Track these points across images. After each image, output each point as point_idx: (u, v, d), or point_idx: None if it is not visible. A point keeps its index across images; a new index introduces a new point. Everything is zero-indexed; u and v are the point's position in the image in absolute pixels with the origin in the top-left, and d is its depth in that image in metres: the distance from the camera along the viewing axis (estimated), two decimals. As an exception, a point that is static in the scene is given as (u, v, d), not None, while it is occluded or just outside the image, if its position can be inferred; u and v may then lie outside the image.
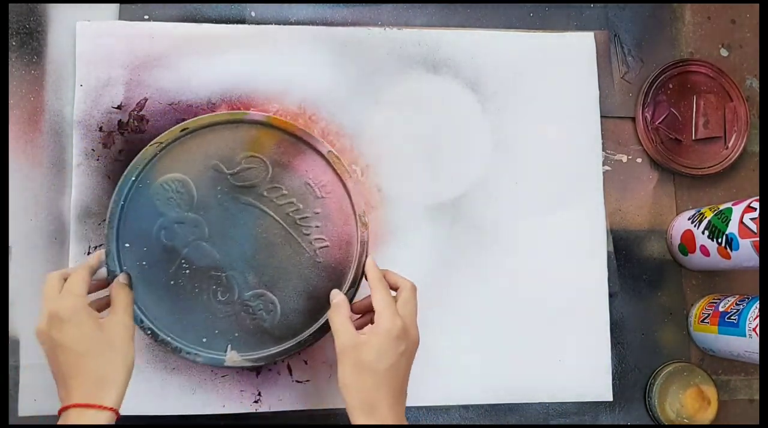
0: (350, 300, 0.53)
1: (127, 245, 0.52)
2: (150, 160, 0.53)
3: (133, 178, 0.53)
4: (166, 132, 0.54)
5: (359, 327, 0.50)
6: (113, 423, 0.44)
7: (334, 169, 0.55)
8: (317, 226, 0.55)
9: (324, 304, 0.54)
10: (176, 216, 0.53)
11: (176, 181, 0.53)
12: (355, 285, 0.54)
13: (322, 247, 0.55)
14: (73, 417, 0.43)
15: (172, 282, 0.53)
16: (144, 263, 0.53)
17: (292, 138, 0.55)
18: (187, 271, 0.53)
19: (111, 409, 0.44)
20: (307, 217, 0.55)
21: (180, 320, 0.53)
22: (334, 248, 0.55)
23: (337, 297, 0.51)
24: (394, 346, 0.46)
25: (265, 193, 0.55)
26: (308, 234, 0.55)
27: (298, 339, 0.54)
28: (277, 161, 0.55)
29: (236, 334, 0.54)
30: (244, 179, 0.55)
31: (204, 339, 0.53)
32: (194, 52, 0.60)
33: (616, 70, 0.65)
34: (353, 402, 0.46)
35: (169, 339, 0.53)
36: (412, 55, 0.62)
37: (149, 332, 0.52)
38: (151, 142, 0.53)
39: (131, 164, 0.53)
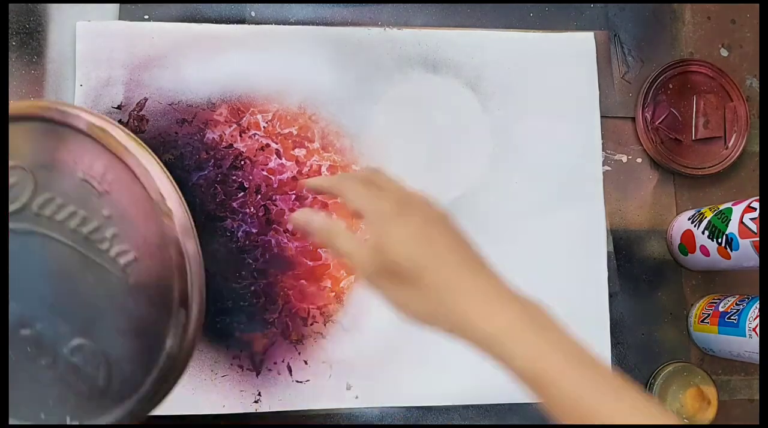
0: (185, 325, 0.40)
1: None
2: None
3: None
4: None
5: None
6: None
7: (106, 148, 0.40)
8: (114, 235, 0.40)
9: (156, 339, 0.41)
10: None
11: None
12: (187, 302, 0.40)
13: (128, 263, 0.40)
14: None
15: None
16: None
17: (43, 123, 0.40)
18: None
19: None
20: (97, 227, 0.40)
21: (10, 397, 0.41)
22: (144, 258, 0.40)
23: (313, 217, 0.38)
24: (406, 229, 0.35)
25: (37, 211, 0.40)
26: (106, 250, 0.40)
27: (139, 395, 0.42)
28: (37, 162, 0.40)
29: (72, 401, 0.42)
30: (10, 201, 0.40)
31: (42, 415, 0.42)
32: (194, 52, 0.60)
33: (616, 70, 0.65)
34: (429, 319, 0.34)
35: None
36: (412, 55, 0.62)
37: None
38: None
39: None
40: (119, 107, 0.58)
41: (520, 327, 0.32)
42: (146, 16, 0.60)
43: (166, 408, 0.56)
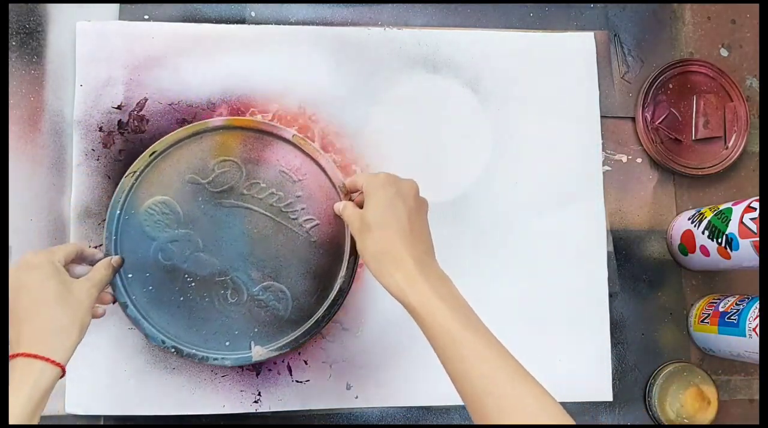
0: (353, 270, 0.56)
1: (130, 275, 0.55)
2: (129, 191, 0.55)
3: (118, 212, 0.55)
4: (137, 161, 0.55)
5: None
6: (58, 379, 0.42)
7: (302, 151, 0.57)
8: (303, 208, 0.57)
9: (329, 280, 0.56)
10: (168, 236, 0.55)
11: (159, 203, 0.55)
12: (355, 253, 0.55)
13: (312, 227, 0.57)
14: (19, 367, 0.41)
15: (181, 298, 0.55)
16: (150, 288, 0.55)
17: (255, 133, 0.57)
18: (193, 284, 0.55)
19: (59, 365, 0.42)
20: (290, 203, 0.56)
21: (199, 331, 0.55)
22: (324, 224, 0.57)
23: (338, 203, 0.55)
24: (383, 194, 0.48)
25: (244, 192, 0.56)
26: (296, 218, 0.56)
27: (315, 318, 0.56)
28: (247, 158, 0.57)
29: (256, 329, 0.56)
30: (221, 184, 0.56)
31: (227, 343, 0.55)
32: (194, 52, 0.60)
33: (616, 70, 0.65)
34: (371, 260, 0.46)
35: (194, 351, 0.55)
36: (412, 55, 0.62)
37: (173, 350, 0.54)
38: (126, 174, 0.55)
39: (112, 200, 0.55)
40: (119, 107, 0.58)
41: (418, 278, 0.44)
42: (146, 16, 0.60)
43: (167, 408, 0.56)
